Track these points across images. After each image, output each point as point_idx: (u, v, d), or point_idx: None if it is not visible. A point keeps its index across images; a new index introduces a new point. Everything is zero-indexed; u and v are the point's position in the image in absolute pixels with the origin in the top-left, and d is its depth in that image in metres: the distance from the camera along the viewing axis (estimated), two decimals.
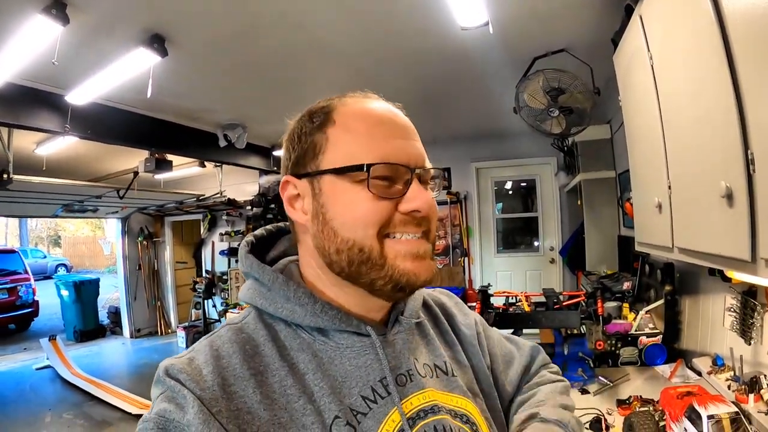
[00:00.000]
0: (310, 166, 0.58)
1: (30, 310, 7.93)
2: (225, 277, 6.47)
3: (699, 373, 1.85)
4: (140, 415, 2.95)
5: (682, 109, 1.33)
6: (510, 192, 5.73)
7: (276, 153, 5.19)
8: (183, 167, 5.48)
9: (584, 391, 1.82)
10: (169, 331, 7.31)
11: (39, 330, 7.61)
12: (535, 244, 5.38)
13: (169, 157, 4.54)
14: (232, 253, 6.30)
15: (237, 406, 0.49)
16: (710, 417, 1.08)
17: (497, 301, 2.26)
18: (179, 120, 4.03)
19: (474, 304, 2.13)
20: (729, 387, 1.60)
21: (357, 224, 0.55)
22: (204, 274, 6.82)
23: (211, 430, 0.46)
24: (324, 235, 0.56)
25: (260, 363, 0.54)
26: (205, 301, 6.45)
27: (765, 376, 1.46)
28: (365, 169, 0.54)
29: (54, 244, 21.16)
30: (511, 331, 2.04)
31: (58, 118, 3.18)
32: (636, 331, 2.05)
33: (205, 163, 5.26)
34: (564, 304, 2.03)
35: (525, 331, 2.05)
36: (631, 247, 3.18)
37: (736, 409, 1.10)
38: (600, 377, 1.88)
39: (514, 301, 2.20)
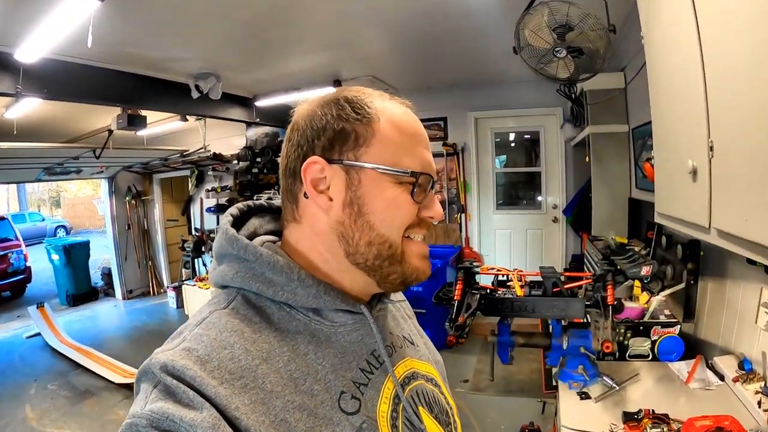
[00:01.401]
0: (348, 155, 0.59)
1: (22, 276, 7.79)
2: (213, 234, 6.27)
3: (722, 377, 1.54)
4: (124, 385, 3.35)
5: (734, 40, 0.94)
6: (513, 144, 5.37)
7: (258, 104, 4.87)
8: (164, 122, 5.24)
9: (584, 395, 1.52)
10: (161, 291, 7.23)
11: (34, 296, 7.52)
12: (538, 199, 5.07)
13: (143, 112, 4.25)
14: (219, 209, 6.10)
15: (251, 399, 0.48)
16: None
17: (484, 280, 1.91)
18: (147, 71, 3.71)
19: (472, 262, 1.80)
20: (759, 403, 1.30)
21: (395, 223, 0.59)
22: (193, 231, 6.66)
23: None
24: (356, 226, 0.58)
25: (262, 350, 0.53)
26: (195, 260, 6.32)
27: None
28: (416, 176, 0.59)
29: (56, 205, 21.30)
30: (498, 320, 1.72)
31: (10, 79, 2.92)
32: (649, 318, 1.73)
33: (188, 117, 4.99)
34: (566, 287, 1.69)
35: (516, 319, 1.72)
36: (643, 212, 2.85)
37: None
38: (604, 377, 1.57)
39: (504, 279, 1.86)
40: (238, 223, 0.67)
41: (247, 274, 0.58)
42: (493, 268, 1.94)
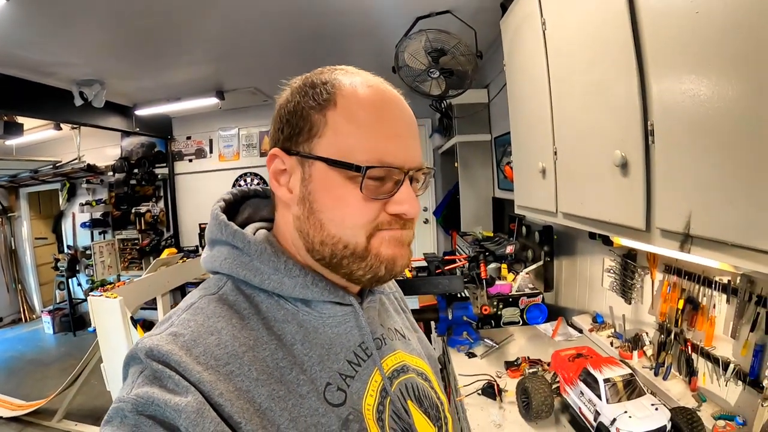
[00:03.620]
0: (303, 146, 0.56)
1: None
2: (88, 251, 5.85)
3: (580, 331, 1.95)
4: (12, 419, 2.72)
5: (573, 77, 1.32)
6: None
7: (138, 112, 4.66)
8: (37, 131, 4.81)
9: (471, 355, 1.85)
10: (34, 316, 6.56)
11: None
12: None
13: (20, 119, 3.94)
14: (95, 225, 5.79)
15: (237, 386, 0.47)
16: (606, 381, 1.11)
17: None
18: (29, 75, 3.42)
19: None
20: (611, 344, 1.69)
21: (346, 223, 0.54)
22: (66, 249, 6.19)
23: (205, 421, 0.42)
24: (310, 224, 0.56)
25: (249, 337, 0.52)
26: (70, 280, 5.90)
27: (647, 333, 1.57)
28: (362, 171, 0.52)
29: None
30: None
31: None
32: (516, 291, 2.14)
33: (62, 125, 4.67)
34: (446, 268, 2.02)
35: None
36: (505, 209, 3.35)
37: (630, 371, 1.14)
38: (485, 339, 1.93)
39: None
40: (232, 208, 0.67)
41: (235, 261, 0.57)
42: None
